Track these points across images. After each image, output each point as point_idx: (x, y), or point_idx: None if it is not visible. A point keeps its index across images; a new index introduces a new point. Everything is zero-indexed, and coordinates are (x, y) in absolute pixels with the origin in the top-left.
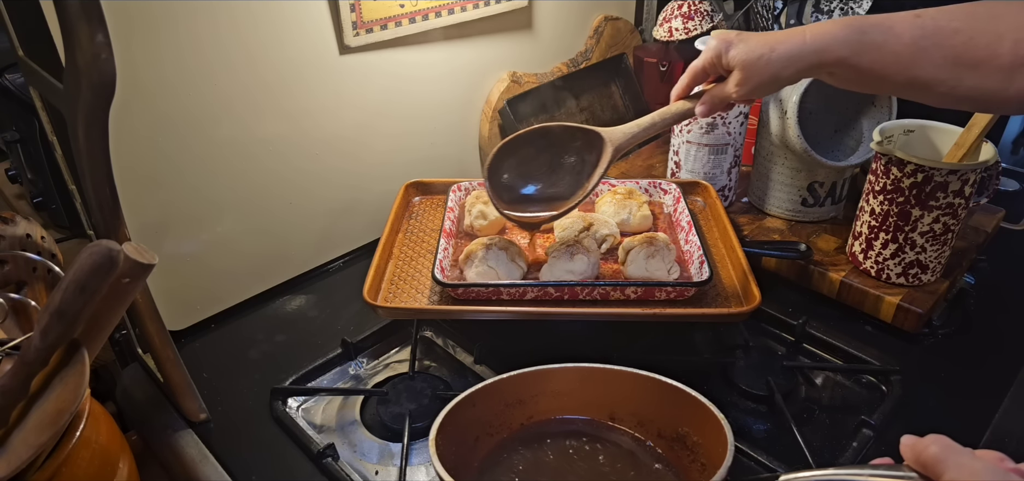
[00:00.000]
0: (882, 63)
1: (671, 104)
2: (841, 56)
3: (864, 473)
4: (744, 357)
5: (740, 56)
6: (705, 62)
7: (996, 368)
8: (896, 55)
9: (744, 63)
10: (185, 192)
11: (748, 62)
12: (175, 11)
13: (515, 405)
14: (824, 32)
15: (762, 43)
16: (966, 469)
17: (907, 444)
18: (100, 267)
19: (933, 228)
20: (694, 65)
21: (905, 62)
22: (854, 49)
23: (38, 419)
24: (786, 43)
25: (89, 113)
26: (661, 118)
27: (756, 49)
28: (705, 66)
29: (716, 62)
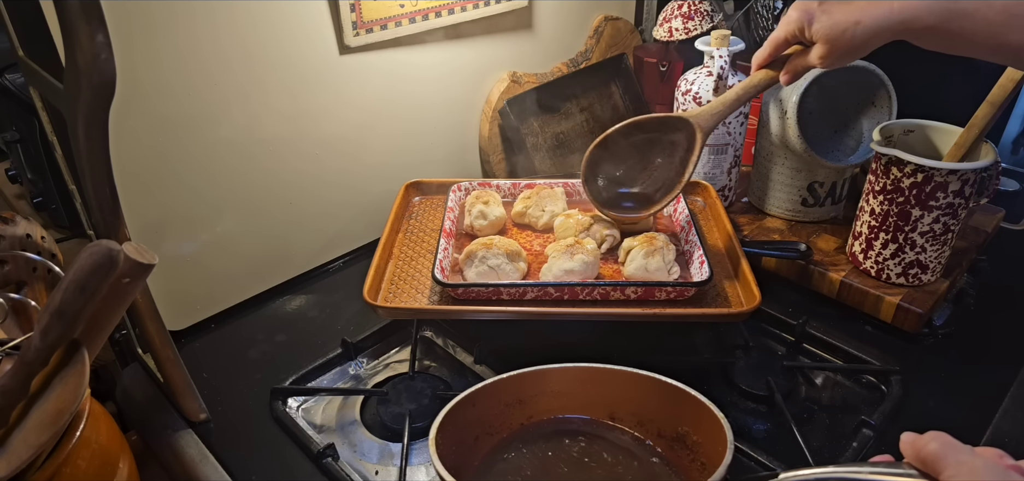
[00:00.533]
0: (972, 30)
1: (753, 74)
2: (930, 25)
3: (864, 471)
4: (744, 357)
5: (824, 30)
6: (787, 33)
7: (996, 368)
8: (987, 22)
9: (828, 36)
10: (185, 192)
11: (833, 36)
12: (175, 11)
13: (515, 405)
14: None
15: (847, 16)
16: (965, 466)
17: (907, 441)
18: (100, 267)
19: (933, 228)
20: (776, 36)
21: (996, 28)
22: (943, 17)
23: (38, 419)
24: (872, 13)
25: (89, 113)
26: (744, 90)
27: (841, 23)
28: (787, 37)
29: (798, 35)
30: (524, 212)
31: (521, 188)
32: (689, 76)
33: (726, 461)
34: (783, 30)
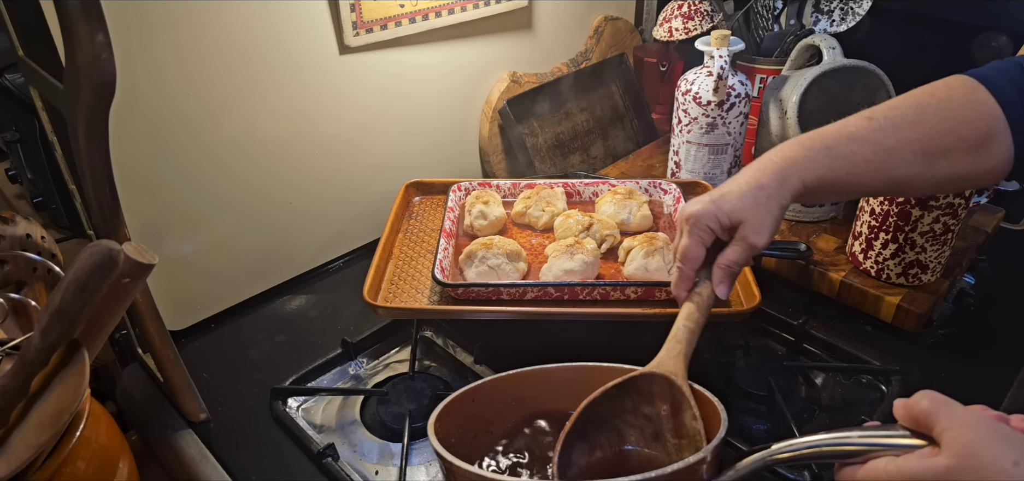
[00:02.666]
0: (858, 172)
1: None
2: (819, 175)
3: (855, 435)
4: (744, 357)
5: (737, 206)
6: (701, 239)
7: (996, 368)
8: (867, 162)
9: (745, 209)
10: (185, 192)
11: (748, 206)
12: (175, 11)
13: (514, 403)
14: (793, 155)
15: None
16: (957, 417)
17: (898, 404)
18: (100, 267)
19: (933, 228)
20: (688, 250)
21: (878, 167)
22: (827, 165)
23: (38, 419)
24: (766, 175)
25: (89, 113)
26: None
27: (746, 192)
28: (702, 242)
29: (714, 229)
30: (524, 212)
31: (521, 188)
32: (689, 76)
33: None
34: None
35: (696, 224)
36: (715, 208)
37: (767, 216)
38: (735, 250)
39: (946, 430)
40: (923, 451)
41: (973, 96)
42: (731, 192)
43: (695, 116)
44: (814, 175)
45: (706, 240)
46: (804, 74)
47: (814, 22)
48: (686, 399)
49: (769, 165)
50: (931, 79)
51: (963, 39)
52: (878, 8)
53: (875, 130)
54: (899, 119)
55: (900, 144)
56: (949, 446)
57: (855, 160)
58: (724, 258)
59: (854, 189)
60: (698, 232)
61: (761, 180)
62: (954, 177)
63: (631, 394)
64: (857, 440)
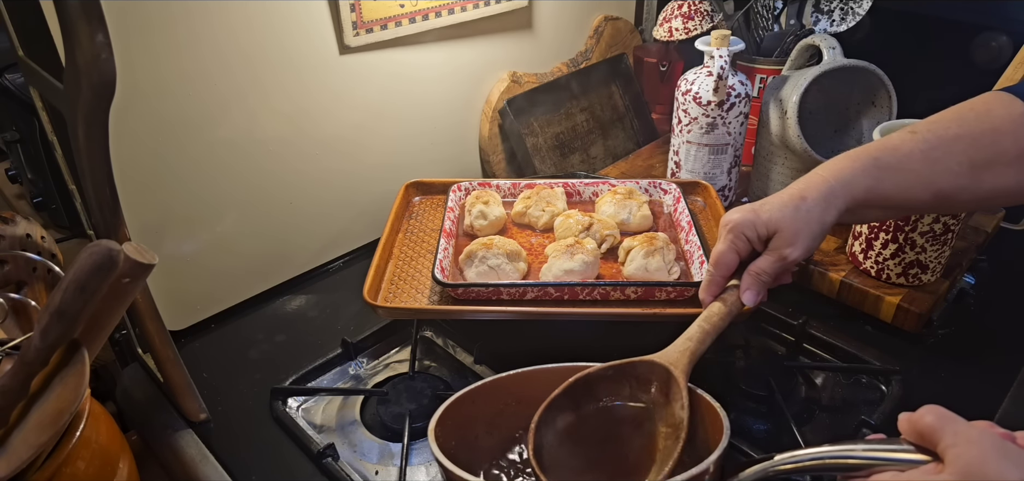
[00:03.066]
0: (905, 185)
1: (712, 307)
2: (867, 186)
3: (859, 448)
4: (744, 357)
5: (775, 215)
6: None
7: (996, 368)
8: (915, 174)
9: (783, 219)
10: (185, 192)
11: (788, 218)
12: (175, 11)
13: (514, 404)
14: (840, 170)
15: (789, 197)
16: (962, 434)
17: (903, 418)
18: (100, 267)
19: (933, 228)
20: (721, 255)
21: (925, 179)
22: (875, 177)
23: (38, 419)
24: (812, 189)
25: (89, 113)
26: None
27: (788, 203)
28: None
29: (748, 235)
30: (524, 212)
31: (521, 188)
32: (689, 76)
33: (722, 444)
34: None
35: (732, 230)
36: (753, 216)
37: (805, 229)
38: (766, 259)
39: (951, 447)
40: (927, 467)
41: (1011, 109)
42: (772, 202)
43: (695, 116)
44: (862, 187)
45: (740, 247)
46: (804, 74)
47: (814, 22)
48: (679, 390)
49: (816, 179)
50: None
51: (963, 39)
52: (878, 8)
53: (920, 142)
54: (942, 131)
55: (946, 156)
56: (953, 463)
57: (903, 171)
58: (755, 265)
59: (901, 203)
60: (733, 238)
61: (805, 193)
62: (999, 190)
63: (630, 379)
64: (861, 453)
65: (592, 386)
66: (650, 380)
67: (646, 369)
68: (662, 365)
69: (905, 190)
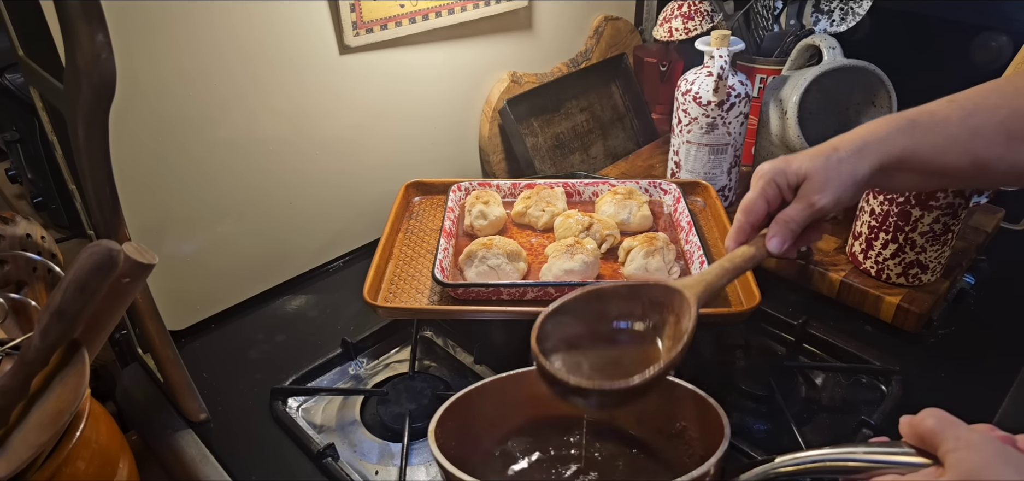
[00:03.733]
0: (943, 148)
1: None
2: (904, 145)
3: (860, 451)
4: (744, 357)
5: (807, 164)
6: (763, 191)
7: (996, 368)
8: (953, 138)
9: (815, 169)
10: (185, 192)
11: (818, 167)
12: (175, 11)
13: (515, 403)
14: (876, 128)
15: (821, 150)
16: (963, 439)
17: (904, 421)
18: (100, 267)
19: (933, 228)
20: (748, 200)
21: (963, 143)
22: (912, 138)
23: (38, 419)
24: (847, 143)
25: (89, 113)
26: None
27: (820, 154)
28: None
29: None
30: (524, 212)
31: (521, 188)
32: (689, 76)
33: (723, 446)
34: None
35: (762, 177)
36: (784, 164)
37: (835, 178)
38: (795, 207)
39: (951, 451)
40: (927, 471)
41: None
42: (804, 153)
43: (695, 116)
44: (898, 146)
45: (769, 195)
46: (804, 74)
47: (814, 22)
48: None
49: (850, 134)
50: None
51: (963, 39)
52: (878, 8)
53: (957, 109)
54: (980, 101)
55: (984, 124)
56: (954, 467)
57: (941, 135)
58: (783, 213)
59: (938, 168)
60: (763, 185)
61: (839, 145)
62: None
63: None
64: (862, 456)
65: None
66: (662, 303)
67: (660, 292)
68: (676, 289)
69: (942, 154)
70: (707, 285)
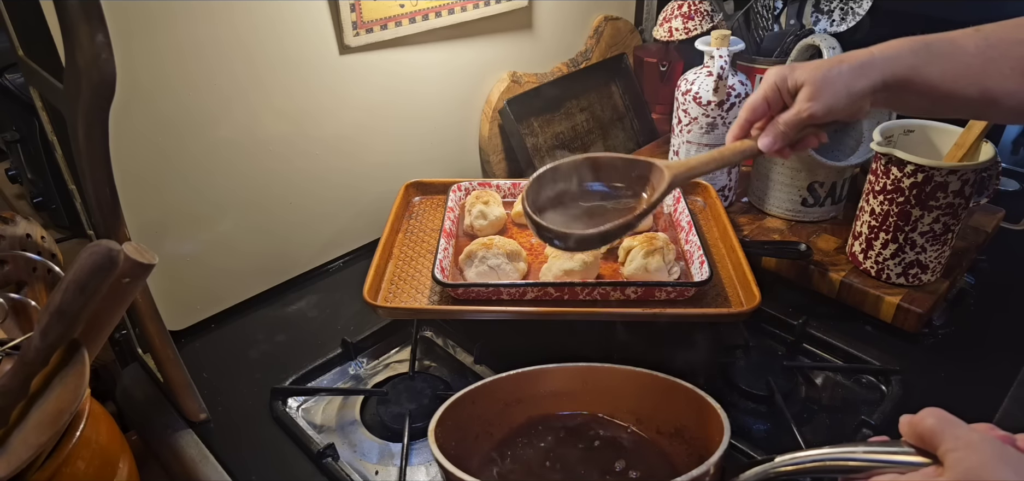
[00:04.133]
0: (953, 74)
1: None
2: (911, 65)
3: (860, 450)
4: (744, 357)
5: (806, 73)
6: (766, 91)
7: (996, 368)
8: (965, 66)
9: (812, 78)
10: (185, 192)
11: (817, 76)
12: (175, 11)
13: (514, 403)
14: (890, 46)
15: (828, 60)
16: (962, 439)
17: (904, 421)
18: (100, 267)
19: (933, 228)
20: (750, 99)
21: (975, 73)
22: (922, 58)
23: (38, 419)
24: (854, 56)
25: (89, 113)
26: (720, 155)
27: (823, 64)
28: (766, 96)
29: (778, 88)
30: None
31: (521, 188)
32: (689, 76)
33: (722, 446)
34: (760, 91)
35: (766, 79)
36: (788, 70)
37: (829, 88)
38: (788, 111)
39: (951, 451)
40: (927, 471)
41: None
42: (810, 62)
43: (695, 116)
44: (906, 65)
45: (770, 95)
46: None
47: (814, 22)
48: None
49: (861, 50)
50: None
51: None
52: (878, 8)
53: (979, 38)
54: (1006, 34)
55: (1002, 57)
56: (953, 467)
57: (954, 60)
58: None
59: (945, 94)
60: (766, 87)
61: (845, 58)
62: None
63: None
64: (861, 456)
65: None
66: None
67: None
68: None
69: (952, 80)
70: (689, 168)
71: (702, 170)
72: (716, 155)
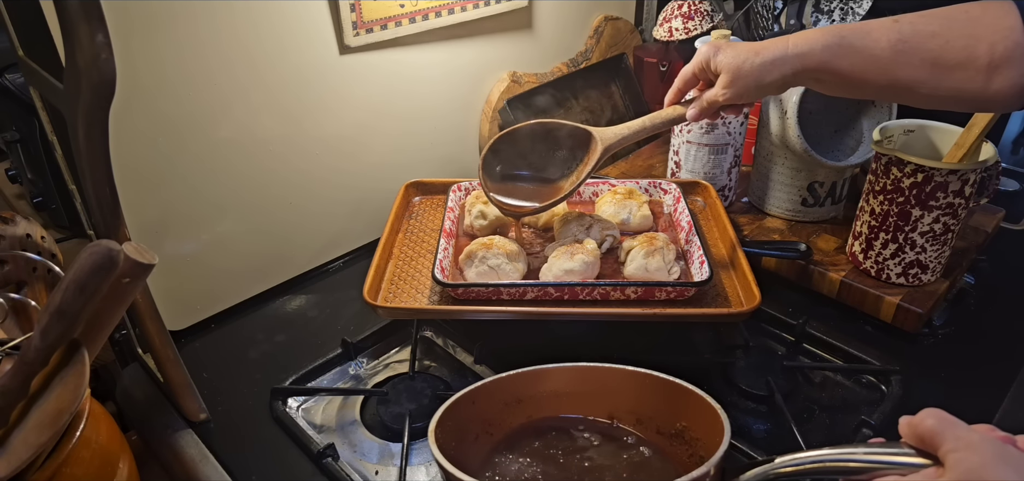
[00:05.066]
0: (862, 67)
1: (664, 109)
2: (822, 60)
3: (860, 451)
4: (744, 357)
5: (726, 60)
6: (694, 67)
7: (996, 368)
8: (875, 58)
9: (729, 66)
10: (185, 192)
11: (733, 66)
12: (175, 11)
13: (514, 404)
14: (806, 39)
15: (747, 49)
16: (963, 439)
17: (904, 421)
18: (100, 267)
19: (933, 228)
20: (684, 70)
21: (884, 64)
22: (834, 53)
23: (38, 419)
24: (770, 49)
25: (89, 113)
26: (652, 122)
27: (741, 54)
28: (695, 71)
29: (705, 67)
30: None
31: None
32: None
33: (723, 446)
34: (691, 65)
35: (698, 54)
36: (713, 51)
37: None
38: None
39: (951, 452)
40: (927, 472)
41: (1003, 19)
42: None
43: None
44: (816, 61)
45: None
46: None
47: (814, 22)
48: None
49: (779, 41)
50: None
51: None
52: (878, 8)
53: (894, 33)
54: (923, 27)
55: (913, 50)
56: (953, 468)
57: (864, 56)
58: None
59: (855, 83)
60: (695, 62)
61: (762, 50)
62: (961, 93)
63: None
64: (862, 457)
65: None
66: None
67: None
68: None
69: (862, 72)
70: (621, 138)
71: (632, 137)
72: (647, 122)
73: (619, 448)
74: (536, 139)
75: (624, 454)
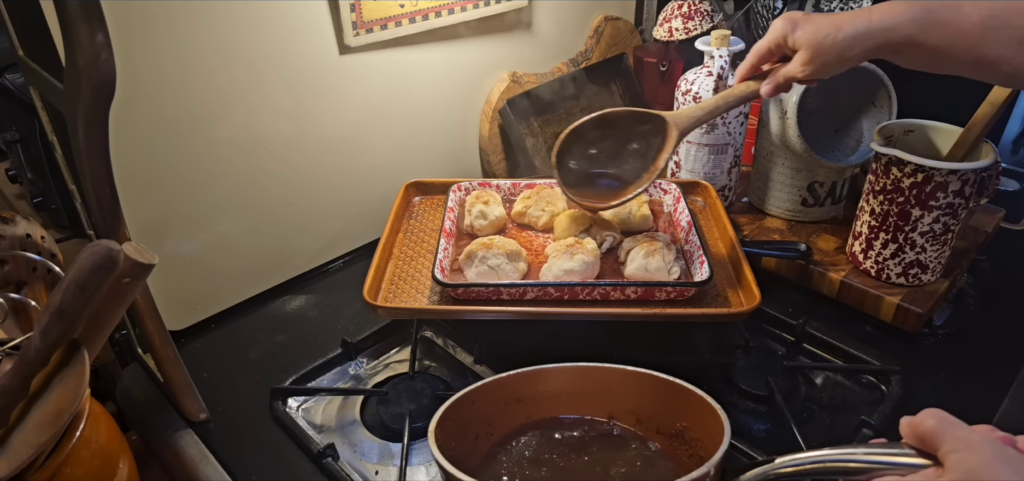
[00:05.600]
0: (950, 41)
1: (736, 85)
2: (908, 35)
3: (860, 452)
4: (744, 357)
5: (806, 36)
6: (770, 42)
7: (996, 368)
8: (964, 33)
9: (810, 42)
10: (185, 192)
11: (814, 41)
12: (175, 11)
13: (514, 404)
14: (890, 11)
15: (829, 23)
16: (963, 440)
17: (904, 422)
18: (100, 267)
19: (933, 228)
20: (759, 45)
21: (973, 40)
22: (921, 27)
23: (38, 419)
24: (853, 22)
25: (89, 113)
26: (725, 100)
27: (823, 28)
28: (770, 47)
29: (781, 43)
30: (524, 212)
31: (521, 188)
32: (689, 76)
33: (723, 446)
34: (766, 40)
35: (773, 27)
36: (790, 26)
37: (820, 56)
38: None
39: (951, 452)
40: (927, 472)
41: None
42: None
43: None
44: (902, 35)
45: (773, 46)
46: None
47: None
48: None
49: (861, 14)
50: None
51: None
52: None
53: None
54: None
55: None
56: (954, 468)
57: (952, 30)
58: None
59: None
60: (771, 37)
61: (843, 24)
62: None
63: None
64: (862, 457)
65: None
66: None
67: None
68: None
69: (950, 46)
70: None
71: (705, 118)
72: (720, 101)
73: (619, 448)
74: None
75: (624, 454)
